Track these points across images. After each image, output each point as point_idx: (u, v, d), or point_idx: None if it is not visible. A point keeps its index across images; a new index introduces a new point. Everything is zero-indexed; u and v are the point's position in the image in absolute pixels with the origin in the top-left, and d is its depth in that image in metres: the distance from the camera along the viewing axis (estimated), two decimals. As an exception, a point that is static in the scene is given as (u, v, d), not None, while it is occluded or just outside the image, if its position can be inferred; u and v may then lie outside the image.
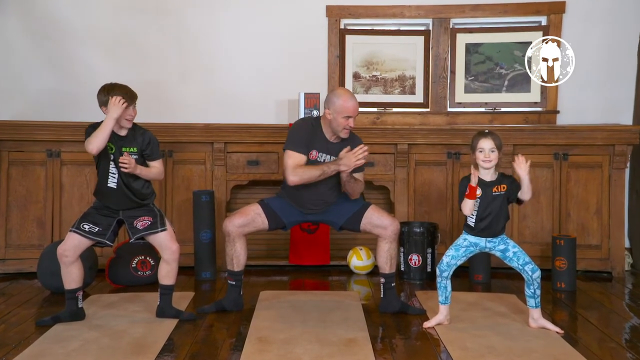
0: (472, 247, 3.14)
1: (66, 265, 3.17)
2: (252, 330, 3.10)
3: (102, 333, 3.05)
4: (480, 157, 3.06)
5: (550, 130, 4.42)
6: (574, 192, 4.40)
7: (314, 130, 3.39)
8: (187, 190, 4.40)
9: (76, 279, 3.19)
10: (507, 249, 3.12)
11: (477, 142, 3.08)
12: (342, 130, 3.34)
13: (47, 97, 4.72)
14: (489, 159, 3.05)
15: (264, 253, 4.59)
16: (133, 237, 3.24)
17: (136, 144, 3.21)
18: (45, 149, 4.32)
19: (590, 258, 4.37)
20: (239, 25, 4.83)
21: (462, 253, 3.15)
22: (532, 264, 3.09)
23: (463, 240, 3.16)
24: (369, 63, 4.89)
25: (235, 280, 3.45)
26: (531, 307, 3.14)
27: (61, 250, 3.17)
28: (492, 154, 3.05)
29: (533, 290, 3.10)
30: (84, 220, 3.21)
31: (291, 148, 3.32)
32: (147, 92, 4.73)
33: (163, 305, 3.28)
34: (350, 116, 3.30)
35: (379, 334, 3.11)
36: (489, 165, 3.06)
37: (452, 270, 3.17)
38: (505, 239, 3.13)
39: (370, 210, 3.43)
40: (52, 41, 4.72)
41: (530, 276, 3.08)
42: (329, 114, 3.33)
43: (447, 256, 3.17)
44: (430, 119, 4.86)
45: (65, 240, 3.19)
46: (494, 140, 3.06)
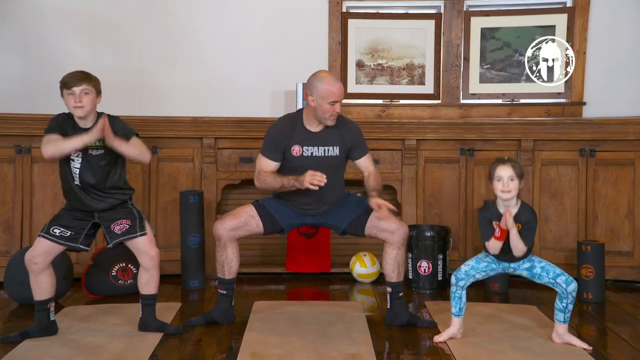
0: (495, 265, 3.14)
1: (35, 273, 3.14)
2: (245, 345, 3.08)
3: (77, 350, 3.02)
4: (498, 186, 3.03)
5: (575, 124, 4.40)
6: (602, 193, 4.37)
7: (292, 125, 3.41)
8: (173, 190, 4.39)
9: (47, 289, 3.16)
10: (533, 265, 3.10)
11: (495, 169, 3.06)
12: (328, 118, 3.35)
13: (16, 86, 4.71)
14: (508, 189, 3.02)
15: (259, 259, 4.58)
16: (111, 243, 3.22)
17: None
18: (14, 145, 4.29)
19: (620, 266, 4.34)
20: (230, 9, 4.82)
21: (483, 268, 3.15)
22: (565, 275, 3.07)
23: (485, 256, 3.16)
24: (374, 50, 4.87)
25: (227, 289, 3.43)
26: (559, 321, 3.11)
27: (29, 256, 3.14)
28: (511, 182, 3.02)
29: (565, 305, 3.07)
30: (54, 223, 3.19)
31: (261, 152, 3.44)
32: (128, 82, 4.78)
33: (146, 318, 3.26)
34: (337, 101, 3.32)
35: (385, 349, 3.09)
36: (508, 196, 3.03)
37: (469, 282, 3.17)
38: (530, 256, 3.12)
39: (375, 213, 3.39)
40: (20, 24, 4.71)
41: (565, 289, 3.05)
42: (313, 101, 3.34)
43: (466, 265, 3.17)
44: (441, 111, 4.84)
45: (34, 245, 3.17)
46: (513, 167, 3.04)
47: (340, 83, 3.37)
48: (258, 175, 3.39)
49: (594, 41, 4.73)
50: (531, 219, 3.06)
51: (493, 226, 3.04)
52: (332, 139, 3.39)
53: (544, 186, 4.40)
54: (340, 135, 3.41)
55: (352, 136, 3.44)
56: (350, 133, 3.44)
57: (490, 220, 3.07)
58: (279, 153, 3.39)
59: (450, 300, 3.19)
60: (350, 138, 3.43)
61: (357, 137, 3.46)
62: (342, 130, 3.41)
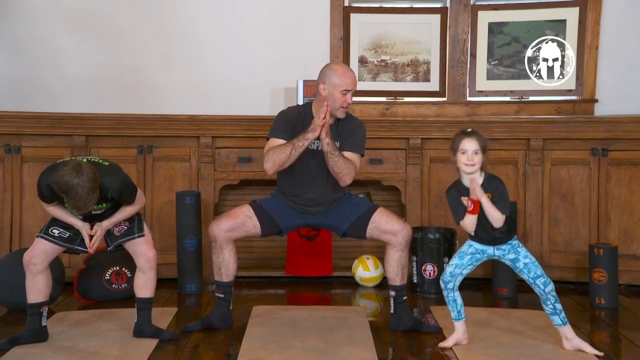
0: (479, 255, 3.15)
1: (33, 274, 3.14)
2: (243, 351, 3.07)
3: (69, 356, 3.01)
4: (462, 159, 3.05)
5: (587, 122, 4.39)
6: (615, 194, 4.36)
7: (301, 115, 3.43)
8: (169, 190, 4.38)
9: (43, 291, 3.16)
10: (517, 258, 3.11)
11: (459, 142, 3.07)
12: (338, 109, 3.36)
13: (4, 84, 4.70)
14: (472, 162, 3.04)
15: (257, 263, 4.58)
16: (112, 245, 3.26)
17: (105, 200, 3.14)
18: (3, 144, 4.28)
19: (634, 270, 4.32)
20: (228, 3, 4.82)
21: (468, 261, 3.16)
22: (544, 277, 3.08)
23: (468, 247, 3.17)
24: (377, 46, 4.87)
25: (224, 293, 3.43)
26: (558, 325, 3.11)
27: (28, 257, 3.15)
28: (475, 156, 3.04)
29: (552, 306, 3.08)
30: (53, 224, 3.21)
31: (271, 135, 3.40)
32: (123, 80, 4.79)
33: (141, 323, 3.25)
34: (349, 90, 3.34)
35: (389, 355, 3.09)
36: (471, 170, 3.05)
37: (457, 281, 3.18)
38: (517, 247, 3.12)
39: (378, 214, 3.41)
40: (11, 19, 4.71)
41: (543, 290, 3.07)
42: (324, 89, 3.37)
43: (450, 265, 3.18)
44: (447, 109, 4.84)
45: (33, 246, 3.19)
46: (478, 140, 3.05)
47: (353, 73, 3.41)
48: (265, 156, 3.32)
49: (607, 36, 4.72)
50: (500, 186, 3.08)
51: (464, 203, 3.06)
52: (337, 134, 3.41)
53: (554, 187, 4.38)
54: (344, 129, 3.43)
55: (353, 129, 3.45)
56: (352, 127, 3.45)
57: (459, 197, 3.09)
58: (289, 136, 3.36)
59: (448, 306, 3.20)
60: (350, 131, 3.44)
61: (356, 132, 3.45)
62: (346, 125, 3.43)
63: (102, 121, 4.29)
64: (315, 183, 3.40)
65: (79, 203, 2.90)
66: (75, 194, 2.88)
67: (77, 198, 2.89)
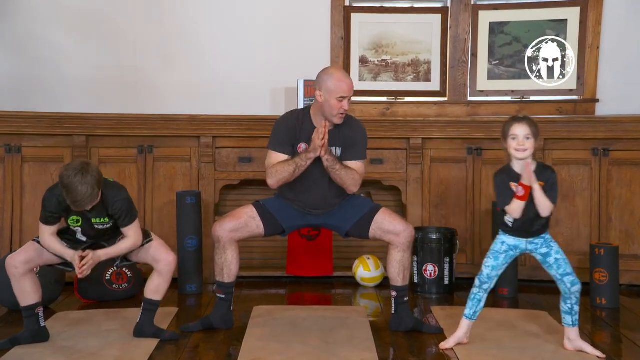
0: (512, 251, 3.12)
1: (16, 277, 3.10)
2: (244, 351, 3.08)
3: (69, 356, 3.01)
4: (512, 145, 3.03)
5: (588, 122, 4.40)
6: (616, 194, 4.37)
7: (300, 121, 3.41)
8: (169, 191, 4.39)
9: (32, 293, 3.13)
10: (549, 253, 3.09)
11: (510, 127, 3.04)
12: (335, 115, 3.34)
13: (4, 84, 4.71)
14: (524, 147, 3.01)
15: (258, 263, 4.58)
16: (118, 260, 3.22)
17: (106, 213, 3.11)
18: (3, 144, 4.30)
19: (636, 270, 4.33)
20: (228, 2, 4.82)
21: (503, 260, 3.13)
22: (573, 276, 3.07)
23: (501, 245, 3.13)
24: (378, 46, 4.88)
25: (225, 294, 3.43)
26: (567, 325, 3.11)
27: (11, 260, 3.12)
28: (527, 141, 3.01)
29: (570, 306, 3.08)
30: None
31: (270, 147, 3.40)
32: (123, 80, 4.80)
33: (143, 323, 3.25)
34: (345, 96, 3.32)
35: (390, 355, 3.10)
36: (523, 155, 3.02)
37: (493, 283, 3.15)
38: (549, 242, 3.10)
39: (380, 214, 3.41)
40: (10, 18, 4.72)
41: (569, 289, 3.05)
42: (320, 96, 3.34)
43: (486, 267, 3.14)
44: (448, 109, 4.85)
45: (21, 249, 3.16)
46: (529, 125, 3.03)
47: (350, 80, 3.37)
48: (269, 172, 3.34)
49: (608, 36, 4.73)
50: (552, 175, 3.05)
51: (512, 188, 3.00)
52: (337, 140, 3.38)
53: (555, 187, 4.39)
54: (344, 135, 3.40)
55: (353, 135, 3.43)
56: (352, 132, 3.43)
57: (508, 182, 3.03)
58: (290, 146, 3.37)
59: (468, 301, 3.16)
60: (351, 137, 3.42)
61: (357, 138, 3.43)
62: (346, 130, 3.40)
63: (102, 121, 4.31)
64: (317, 189, 3.39)
65: (78, 197, 2.89)
66: (75, 188, 2.88)
67: (77, 192, 2.88)
